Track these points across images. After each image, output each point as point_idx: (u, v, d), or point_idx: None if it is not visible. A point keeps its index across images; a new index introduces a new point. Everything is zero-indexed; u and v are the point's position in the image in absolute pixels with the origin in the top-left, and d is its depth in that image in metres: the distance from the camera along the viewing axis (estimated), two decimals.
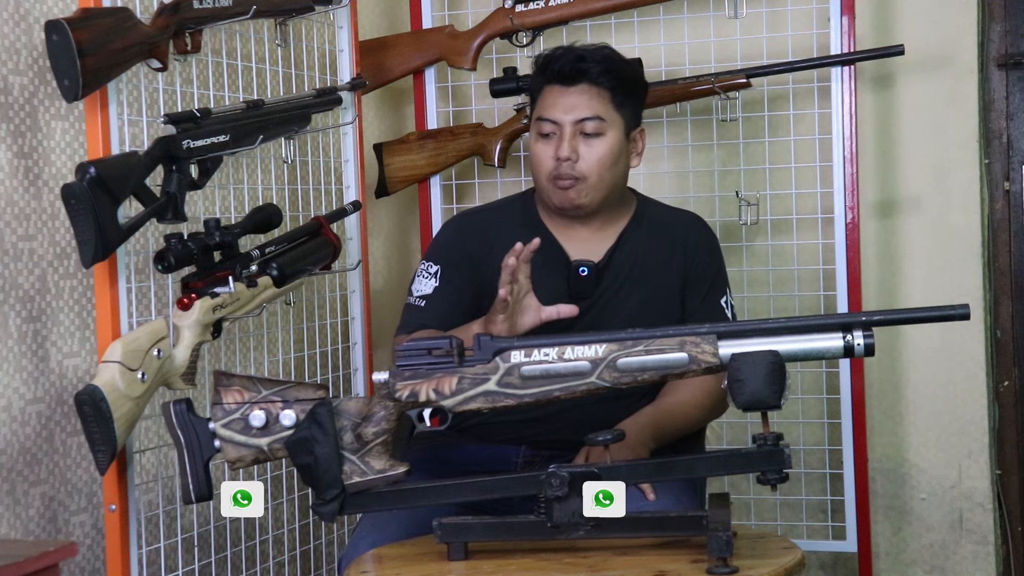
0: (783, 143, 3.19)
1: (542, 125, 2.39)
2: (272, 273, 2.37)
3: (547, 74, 2.40)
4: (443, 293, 2.41)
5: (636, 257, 2.44)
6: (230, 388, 1.97)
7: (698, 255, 2.47)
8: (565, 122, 2.37)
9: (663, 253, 2.45)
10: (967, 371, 3.28)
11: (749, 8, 3.09)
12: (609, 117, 2.38)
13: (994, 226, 3.32)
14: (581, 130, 2.37)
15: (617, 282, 2.42)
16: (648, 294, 2.42)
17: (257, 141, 2.38)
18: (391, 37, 3.22)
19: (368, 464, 1.93)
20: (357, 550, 2.13)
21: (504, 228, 2.44)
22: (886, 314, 1.98)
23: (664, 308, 2.42)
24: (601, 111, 2.37)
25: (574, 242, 2.43)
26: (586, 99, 2.37)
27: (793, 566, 1.87)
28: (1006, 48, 3.30)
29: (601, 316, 2.38)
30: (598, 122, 2.37)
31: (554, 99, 2.38)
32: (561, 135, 2.36)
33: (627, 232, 2.45)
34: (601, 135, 2.37)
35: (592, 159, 2.37)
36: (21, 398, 2.25)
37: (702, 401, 2.36)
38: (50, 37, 2.02)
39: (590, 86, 2.37)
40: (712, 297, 2.45)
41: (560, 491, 1.89)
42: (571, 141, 2.36)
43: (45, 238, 2.32)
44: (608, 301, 2.40)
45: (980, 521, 3.29)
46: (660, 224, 2.48)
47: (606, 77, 2.38)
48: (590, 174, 2.37)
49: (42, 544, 1.88)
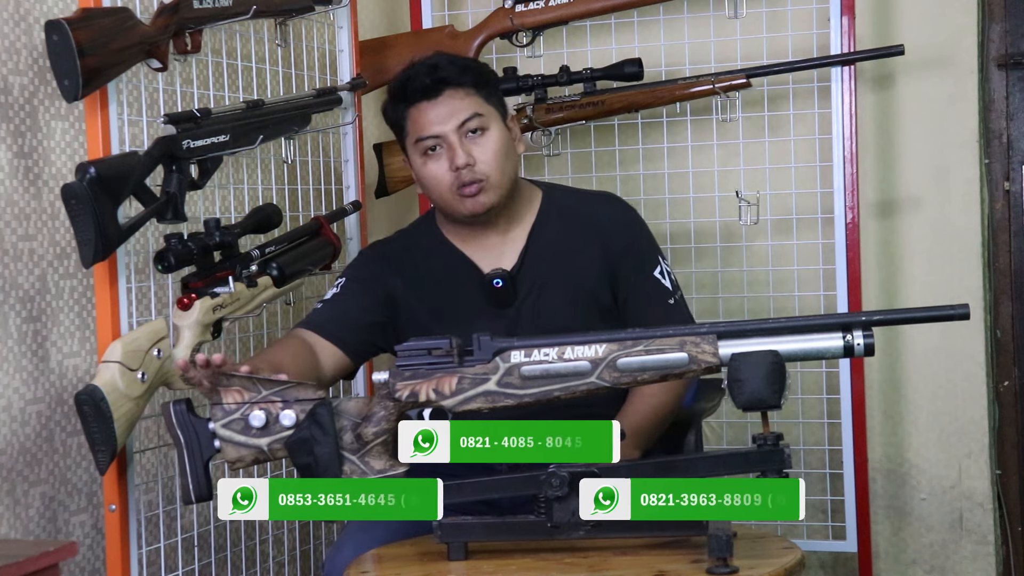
0: (783, 143, 3.19)
1: (425, 144, 2.32)
2: (272, 273, 2.37)
3: (408, 96, 2.34)
4: (337, 300, 2.37)
5: (550, 253, 2.37)
6: (230, 388, 1.97)
7: (616, 235, 2.38)
8: (447, 132, 2.31)
9: (577, 242, 2.38)
10: (967, 371, 3.28)
11: (749, 8, 3.09)
12: (484, 111, 2.33)
13: (994, 226, 3.32)
14: (466, 131, 2.31)
15: (535, 286, 2.35)
16: (569, 291, 2.35)
17: (257, 141, 2.38)
18: (391, 37, 3.22)
19: (368, 464, 1.93)
20: (341, 553, 2.12)
21: (412, 252, 2.40)
22: (886, 314, 1.98)
23: (591, 298, 2.35)
24: (476, 107, 2.32)
25: (484, 252, 2.37)
26: (457, 102, 2.32)
27: (793, 566, 1.87)
28: (1006, 48, 3.30)
29: (528, 321, 2.32)
30: (478, 118, 2.32)
31: (426, 116, 2.32)
32: (449, 145, 2.31)
33: (536, 229, 2.39)
34: (486, 129, 2.32)
35: (487, 156, 2.31)
36: (21, 398, 2.25)
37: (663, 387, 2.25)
38: (50, 37, 2.02)
39: (454, 90, 2.32)
40: (645, 272, 2.37)
41: (560, 491, 1.89)
42: (462, 147, 2.30)
43: (45, 238, 2.32)
44: (531, 304, 2.34)
45: (980, 521, 3.29)
46: (569, 212, 2.41)
47: (465, 76, 2.34)
48: (490, 171, 2.31)
49: (42, 544, 1.88)
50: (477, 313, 2.30)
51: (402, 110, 2.35)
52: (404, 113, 2.35)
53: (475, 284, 2.35)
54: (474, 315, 2.28)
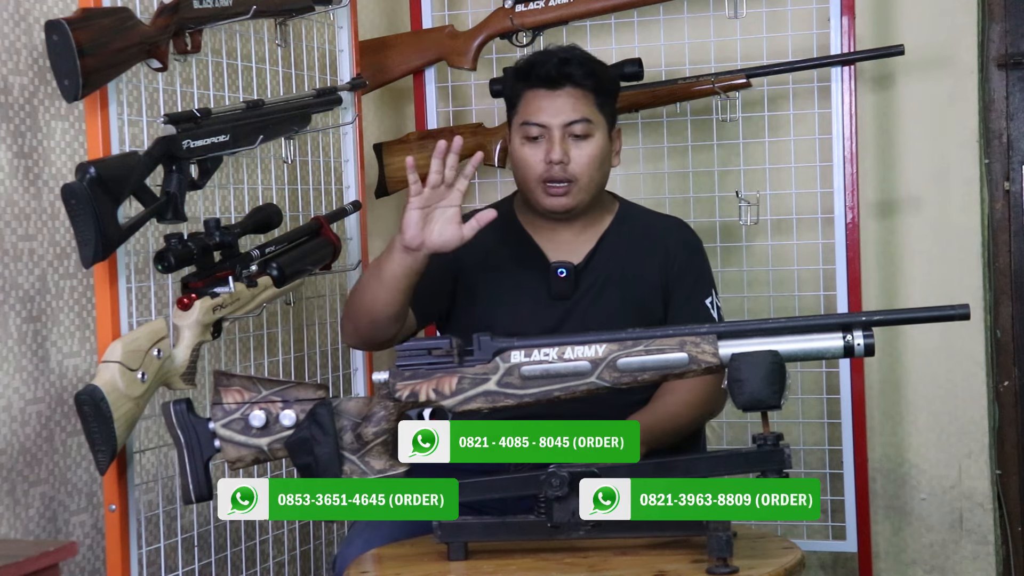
0: (783, 143, 3.19)
1: (529, 129, 2.40)
2: (272, 273, 2.37)
3: (530, 79, 2.41)
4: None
5: (616, 260, 2.45)
6: (230, 388, 1.97)
7: (678, 257, 2.47)
8: (554, 125, 2.38)
9: (643, 256, 2.46)
10: (967, 371, 3.28)
11: (749, 8, 3.09)
12: (595, 119, 2.40)
13: (994, 226, 3.32)
14: (570, 132, 2.38)
15: (596, 284, 2.43)
16: (627, 296, 2.42)
17: (257, 141, 2.38)
18: (391, 37, 3.22)
19: (368, 464, 1.93)
20: (351, 548, 2.14)
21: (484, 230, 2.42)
22: (886, 314, 1.98)
23: (644, 310, 2.43)
24: (588, 113, 2.39)
25: (554, 245, 2.45)
26: (572, 102, 2.39)
27: (793, 566, 1.87)
28: (1006, 48, 3.30)
29: (581, 317, 2.39)
30: (586, 124, 2.38)
31: (540, 103, 2.39)
32: (550, 138, 2.38)
33: (608, 235, 2.47)
34: (590, 136, 2.39)
35: (583, 161, 2.38)
36: (21, 398, 2.25)
37: (692, 400, 2.36)
38: (50, 37, 2.02)
39: (575, 88, 2.39)
40: (696, 298, 2.45)
41: (560, 491, 1.89)
42: (562, 144, 2.37)
43: (45, 238, 2.32)
44: (588, 302, 2.42)
45: (980, 521, 3.29)
46: (641, 228, 2.49)
47: (590, 80, 2.40)
48: (581, 175, 2.39)
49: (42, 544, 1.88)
50: (534, 300, 2.38)
51: (520, 89, 2.43)
52: (520, 92, 2.43)
53: (539, 271, 2.43)
54: (531, 301, 2.37)
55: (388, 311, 2.30)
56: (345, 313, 2.43)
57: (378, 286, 2.28)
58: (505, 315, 2.38)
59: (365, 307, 2.32)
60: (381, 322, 2.33)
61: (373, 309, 2.31)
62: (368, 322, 2.34)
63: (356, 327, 2.38)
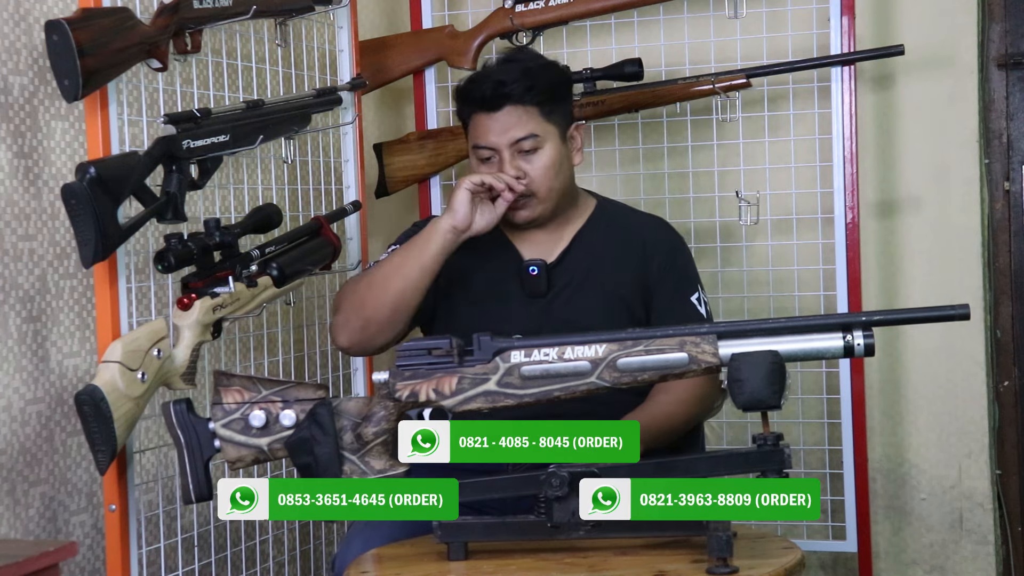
0: (783, 143, 3.19)
1: (480, 152, 2.41)
2: (272, 273, 2.37)
3: (470, 102, 2.41)
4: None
5: (592, 257, 2.45)
6: (230, 388, 1.97)
7: (657, 256, 2.46)
8: (501, 145, 2.38)
9: (620, 253, 2.45)
10: (967, 371, 3.28)
11: (749, 8, 3.09)
12: (542, 130, 2.39)
13: (994, 226, 3.32)
14: (519, 149, 2.38)
15: (572, 281, 2.43)
16: (603, 294, 2.42)
17: (257, 141, 2.38)
18: (391, 37, 3.22)
19: (368, 464, 1.93)
20: (350, 549, 2.14)
21: None
22: (886, 314, 1.98)
23: (623, 308, 2.42)
24: (533, 128, 2.38)
25: (529, 243, 2.46)
26: (515, 119, 2.38)
27: (793, 566, 1.87)
28: (1006, 48, 3.30)
29: (559, 314, 2.39)
30: (533, 139, 2.38)
31: (485, 125, 2.39)
32: (501, 158, 2.38)
33: (582, 233, 2.47)
34: (539, 149, 2.39)
35: (537, 174, 2.38)
36: (21, 398, 2.25)
37: (687, 399, 2.35)
38: (50, 37, 2.02)
39: (515, 107, 2.38)
40: (681, 296, 2.44)
41: (560, 491, 1.89)
42: (512, 162, 2.37)
43: (45, 238, 2.32)
44: (564, 300, 2.42)
45: (980, 521, 3.29)
46: (618, 226, 2.49)
47: (529, 95, 2.38)
48: (539, 188, 2.39)
49: (42, 544, 1.89)
50: (511, 298, 2.40)
51: (466, 112, 2.44)
52: (467, 115, 2.44)
53: (513, 269, 2.43)
54: (509, 300, 2.39)
55: (416, 298, 2.33)
56: (351, 310, 2.39)
57: (415, 270, 2.31)
58: (485, 314, 2.38)
59: (391, 296, 2.33)
60: (402, 312, 2.34)
61: (402, 298, 2.32)
62: (389, 312, 2.34)
63: (369, 321, 2.36)
